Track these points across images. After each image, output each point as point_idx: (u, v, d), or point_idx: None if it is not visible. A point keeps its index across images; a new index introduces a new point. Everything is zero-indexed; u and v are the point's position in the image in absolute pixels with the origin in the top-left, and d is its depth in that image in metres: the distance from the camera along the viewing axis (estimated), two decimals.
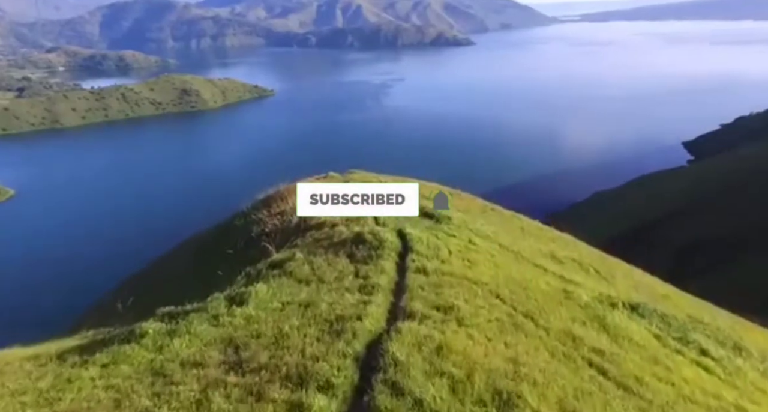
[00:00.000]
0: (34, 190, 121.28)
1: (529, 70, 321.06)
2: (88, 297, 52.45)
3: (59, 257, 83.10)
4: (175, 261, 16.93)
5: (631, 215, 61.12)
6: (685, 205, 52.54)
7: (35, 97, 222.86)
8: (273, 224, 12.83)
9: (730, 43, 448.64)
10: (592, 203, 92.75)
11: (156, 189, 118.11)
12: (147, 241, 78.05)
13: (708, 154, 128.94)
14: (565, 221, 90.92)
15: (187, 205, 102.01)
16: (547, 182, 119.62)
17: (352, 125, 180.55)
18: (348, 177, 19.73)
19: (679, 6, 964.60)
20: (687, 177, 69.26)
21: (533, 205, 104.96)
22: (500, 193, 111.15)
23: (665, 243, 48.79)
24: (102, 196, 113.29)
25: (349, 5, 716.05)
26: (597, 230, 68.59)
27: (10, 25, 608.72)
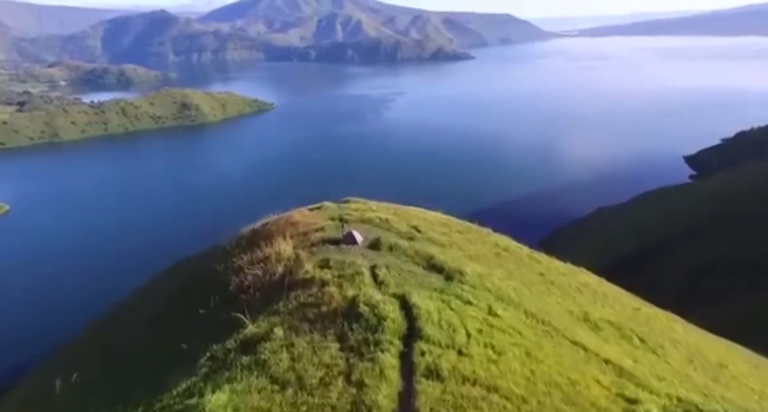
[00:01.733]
0: (28, 206, 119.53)
1: (529, 85, 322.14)
2: (55, 330, 50.84)
3: (39, 280, 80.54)
4: (141, 310, 15.04)
5: (639, 234, 59.29)
6: (697, 224, 50.70)
7: (35, 111, 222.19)
8: (254, 275, 11.07)
9: (728, 58, 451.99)
10: (597, 219, 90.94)
11: (148, 207, 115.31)
12: (133, 264, 76.60)
13: (710, 169, 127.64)
14: (570, 236, 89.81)
15: (179, 224, 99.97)
16: (550, 196, 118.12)
17: (351, 139, 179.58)
18: (342, 207, 17.99)
19: (677, 21, 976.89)
20: (695, 194, 67.38)
21: (537, 219, 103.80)
22: (503, 208, 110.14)
23: (676, 264, 46.92)
24: (94, 215, 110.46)
25: (349, 20, 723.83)
26: (604, 247, 66.88)
27: (13, 40, 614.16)
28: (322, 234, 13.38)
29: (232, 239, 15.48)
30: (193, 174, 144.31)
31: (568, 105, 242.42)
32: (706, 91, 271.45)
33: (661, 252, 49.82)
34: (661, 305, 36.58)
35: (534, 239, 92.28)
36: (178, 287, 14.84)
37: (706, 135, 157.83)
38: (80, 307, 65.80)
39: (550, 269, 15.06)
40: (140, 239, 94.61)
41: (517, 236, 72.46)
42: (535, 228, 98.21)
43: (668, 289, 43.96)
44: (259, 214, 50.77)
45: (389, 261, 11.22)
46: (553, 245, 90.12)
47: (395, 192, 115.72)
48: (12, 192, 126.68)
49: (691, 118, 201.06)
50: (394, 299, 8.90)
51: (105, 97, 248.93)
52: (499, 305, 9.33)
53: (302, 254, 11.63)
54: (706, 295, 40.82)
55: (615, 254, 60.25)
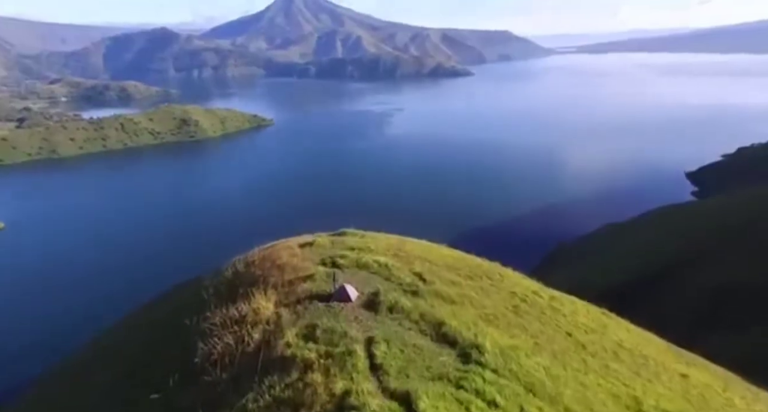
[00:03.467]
0: (22, 224, 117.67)
1: (529, 101, 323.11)
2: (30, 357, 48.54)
3: (23, 301, 78.46)
4: (95, 377, 13.13)
5: (646, 254, 57.45)
6: (709, 244, 48.74)
7: (35, 127, 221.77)
8: (225, 345, 9.27)
9: (724, 75, 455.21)
10: (605, 236, 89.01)
11: (140, 226, 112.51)
12: (119, 290, 74.54)
13: (712, 185, 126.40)
14: (573, 253, 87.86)
15: (171, 245, 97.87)
16: (552, 211, 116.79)
17: (350, 155, 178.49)
18: (336, 243, 16.24)
19: (673, 38, 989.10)
20: (704, 212, 65.49)
21: (540, 234, 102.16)
22: (506, 223, 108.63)
23: (689, 288, 44.92)
24: (84, 235, 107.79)
25: (348, 36, 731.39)
26: (611, 267, 64.88)
27: (16, 58, 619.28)
28: (311, 285, 11.57)
29: (212, 281, 13.74)
30: (189, 192, 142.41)
31: (567, 120, 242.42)
32: (704, 107, 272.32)
33: (671, 274, 47.94)
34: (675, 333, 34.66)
35: (538, 253, 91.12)
36: (139, 348, 13.01)
37: (707, 151, 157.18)
38: (58, 334, 63.84)
39: (577, 324, 13.20)
40: (130, 259, 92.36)
41: (522, 251, 71.29)
42: (538, 243, 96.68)
43: (681, 315, 42.08)
44: (253, 236, 48.64)
45: (389, 331, 9.34)
46: (557, 261, 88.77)
47: (395, 209, 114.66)
48: (7, 209, 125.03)
49: (691, 134, 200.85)
50: (396, 404, 7.02)
51: (105, 114, 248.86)
52: (533, 402, 7.45)
53: (285, 315, 9.83)
54: (722, 323, 38.84)
55: (622, 274, 58.37)
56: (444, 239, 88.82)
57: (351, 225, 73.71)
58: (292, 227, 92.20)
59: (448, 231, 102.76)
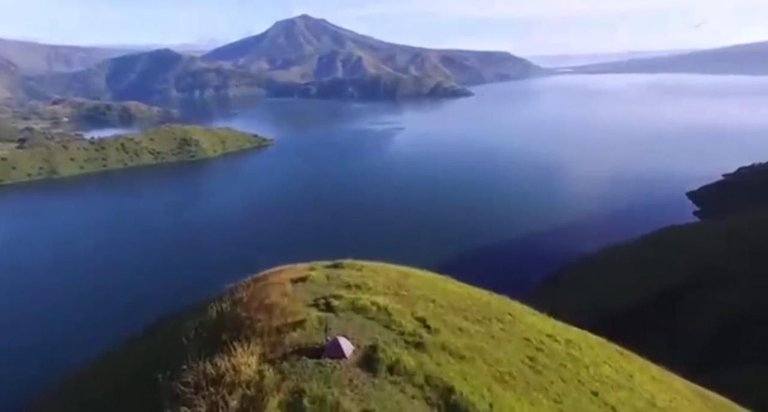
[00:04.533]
0: (14, 245, 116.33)
1: (529, 121, 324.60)
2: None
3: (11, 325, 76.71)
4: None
5: (654, 277, 56.01)
6: (720, 268, 47.41)
7: (36, 147, 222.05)
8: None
9: (720, 95, 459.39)
10: (607, 258, 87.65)
11: (132, 249, 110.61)
12: (105, 316, 72.89)
13: (714, 205, 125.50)
14: (577, 275, 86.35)
15: (163, 270, 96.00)
16: (555, 231, 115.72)
17: (350, 176, 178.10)
18: (332, 278, 15.08)
19: (669, 60, 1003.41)
20: (712, 234, 64.19)
21: (542, 254, 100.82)
22: (509, 242, 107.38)
23: (700, 314, 43.46)
24: (74, 257, 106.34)
25: (349, 57, 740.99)
26: (617, 291, 63.33)
27: (21, 79, 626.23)
28: (301, 335, 10.36)
29: (195, 321, 12.55)
30: (185, 213, 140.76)
31: (568, 140, 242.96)
32: (702, 126, 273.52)
33: (681, 298, 46.46)
34: (688, 362, 33.12)
35: (540, 274, 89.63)
36: (107, 402, 11.76)
37: (707, 170, 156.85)
38: (39, 365, 61.81)
39: (602, 378, 11.91)
40: (120, 283, 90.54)
41: (524, 271, 69.82)
42: (540, 263, 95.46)
43: (694, 342, 40.55)
44: (249, 259, 46.78)
45: (390, 400, 8.09)
46: (561, 283, 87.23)
47: (395, 229, 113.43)
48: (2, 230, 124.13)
49: (690, 152, 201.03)
50: None
51: (106, 134, 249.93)
52: None
53: (269, 375, 8.60)
54: (737, 352, 37.29)
55: (629, 298, 56.90)
56: (445, 260, 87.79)
57: (350, 247, 72.14)
58: (289, 251, 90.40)
59: (450, 252, 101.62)
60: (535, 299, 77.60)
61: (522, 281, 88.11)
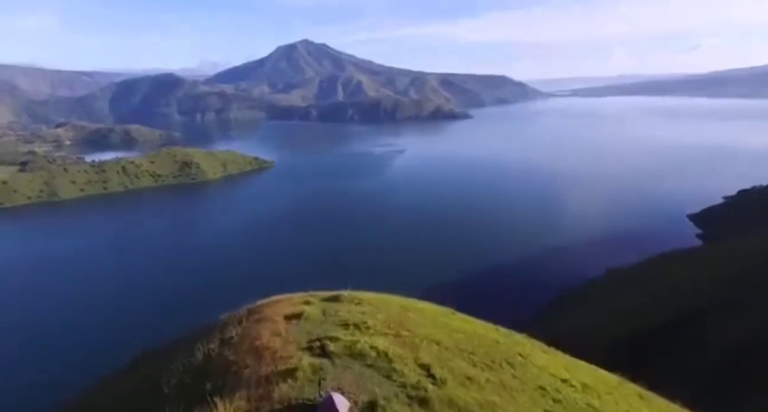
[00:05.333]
0: (6, 268, 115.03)
1: (529, 143, 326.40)
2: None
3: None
4: None
5: (660, 302, 54.64)
6: (737, 293, 45.95)
7: (38, 170, 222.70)
8: None
9: (716, 118, 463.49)
10: (609, 283, 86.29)
11: (123, 279, 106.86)
12: (93, 350, 71.15)
13: (717, 228, 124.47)
14: (581, 299, 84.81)
15: (154, 298, 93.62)
16: (555, 254, 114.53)
17: (349, 198, 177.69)
18: (328, 313, 14.18)
19: (665, 83, 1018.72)
20: (718, 258, 62.97)
21: (545, 278, 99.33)
22: (511, 266, 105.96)
23: (711, 342, 42.00)
24: (64, 284, 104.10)
25: (350, 81, 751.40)
26: (622, 317, 61.65)
27: (25, 103, 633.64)
28: (291, 387, 9.43)
29: (180, 366, 11.61)
30: (182, 236, 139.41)
31: (567, 162, 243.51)
32: (699, 148, 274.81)
33: (688, 325, 45.10)
34: (695, 390, 31.69)
35: (544, 298, 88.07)
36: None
37: (707, 192, 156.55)
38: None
39: None
40: (109, 312, 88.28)
41: (526, 296, 68.32)
42: (543, 286, 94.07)
43: (703, 371, 39.09)
44: (245, 285, 45.02)
45: None
46: (563, 307, 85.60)
47: (394, 254, 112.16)
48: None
49: (689, 175, 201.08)
50: None
51: (108, 157, 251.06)
52: None
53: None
54: (749, 381, 35.87)
55: (634, 324, 55.43)
56: (446, 284, 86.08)
57: (350, 270, 71.07)
58: (288, 275, 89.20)
59: (450, 276, 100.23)
60: (538, 323, 76.26)
61: (524, 305, 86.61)
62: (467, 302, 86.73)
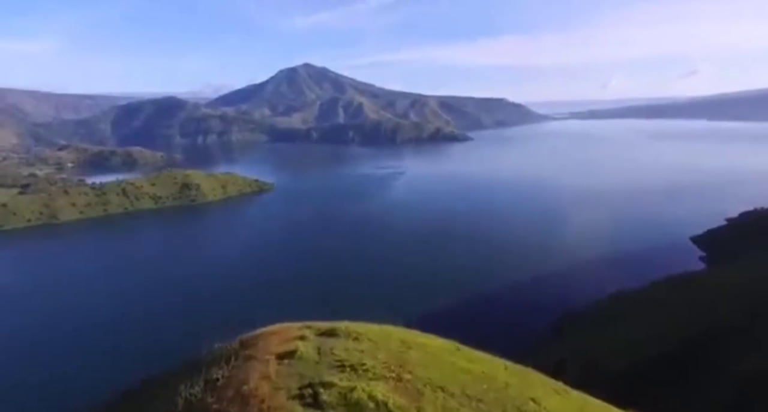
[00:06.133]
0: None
1: (530, 164, 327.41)
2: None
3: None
4: None
5: (667, 329, 53.20)
6: (747, 321, 44.52)
7: (38, 193, 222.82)
8: None
9: (711, 140, 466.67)
10: (614, 305, 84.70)
11: (114, 306, 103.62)
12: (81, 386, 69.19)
13: (721, 251, 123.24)
14: (583, 323, 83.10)
15: (146, 328, 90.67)
16: (556, 277, 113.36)
17: (348, 220, 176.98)
18: (324, 350, 13.28)
19: (660, 107, 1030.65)
20: (731, 284, 61.58)
21: (546, 301, 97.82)
22: (511, 288, 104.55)
23: (721, 371, 40.53)
24: (53, 311, 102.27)
25: (350, 103, 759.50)
26: (627, 344, 60.01)
27: (28, 126, 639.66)
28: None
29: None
30: (178, 260, 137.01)
31: (567, 183, 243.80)
32: (697, 169, 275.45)
33: (695, 354, 43.72)
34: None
35: (545, 321, 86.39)
36: None
37: (709, 214, 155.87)
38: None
39: None
40: (99, 338, 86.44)
41: (527, 318, 66.81)
42: (545, 310, 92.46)
43: (715, 406, 37.59)
44: (240, 314, 43.34)
45: None
46: (566, 332, 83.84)
47: (394, 277, 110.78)
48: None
49: (691, 197, 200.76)
50: None
51: (109, 179, 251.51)
52: None
53: None
54: None
55: (640, 352, 53.95)
56: (448, 309, 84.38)
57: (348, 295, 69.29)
58: (285, 299, 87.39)
59: (450, 300, 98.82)
60: (541, 350, 74.42)
61: (525, 329, 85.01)
62: (468, 328, 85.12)
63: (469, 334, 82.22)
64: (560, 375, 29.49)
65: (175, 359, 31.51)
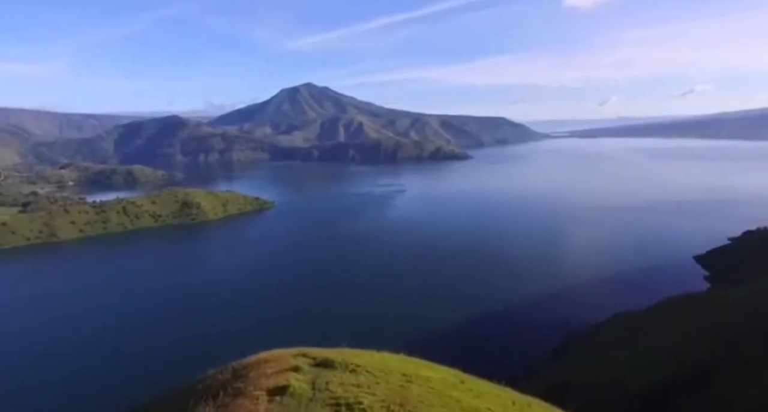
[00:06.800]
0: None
1: (530, 183, 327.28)
2: None
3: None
4: None
5: (680, 352, 51.81)
6: (761, 346, 43.14)
7: (39, 211, 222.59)
8: None
9: (711, 159, 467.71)
10: (616, 328, 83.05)
11: (105, 328, 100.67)
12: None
13: (725, 270, 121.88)
14: (587, 346, 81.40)
15: (137, 353, 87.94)
16: (559, 297, 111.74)
17: (348, 239, 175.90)
18: (319, 381, 12.60)
19: (658, 126, 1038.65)
20: (741, 306, 60.23)
21: (550, 322, 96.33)
22: (513, 310, 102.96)
23: (732, 399, 39.22)
24: (43, 329, 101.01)
25: (351, 122, 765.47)
26: (637, 366, 58.37)
27: (32, 145, 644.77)
28: None
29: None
30: (172, 281, 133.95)
31: (567, 202, 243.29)
32: (697, 188, 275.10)
33: (706, 379, 42.42)
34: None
35: (547, 344, 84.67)
36: None
37: (712, 233, 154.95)
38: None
39: None
40: (86, 367, 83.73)
41: (530, 340, 65.28)
42: (547, 332, 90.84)
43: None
44: (235, 336, 42.06)
45: None
46: (569, 354, 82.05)
47: (395, 300, 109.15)
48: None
49: (692, 216, 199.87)
50: None
51: (110, 197, 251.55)
52: None
53: None
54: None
55: (646, 376, 52.53)
56: (449, 331, 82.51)
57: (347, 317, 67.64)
58: (282, 324, 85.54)
59: (450, 322, 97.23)
60: (545, 372, 72.62)
61: (526, 352, 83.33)
62: (470, 350, 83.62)
63: (471, 356, 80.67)
64: (563, 403, 28.49)
65: (169, 382, 30.45)
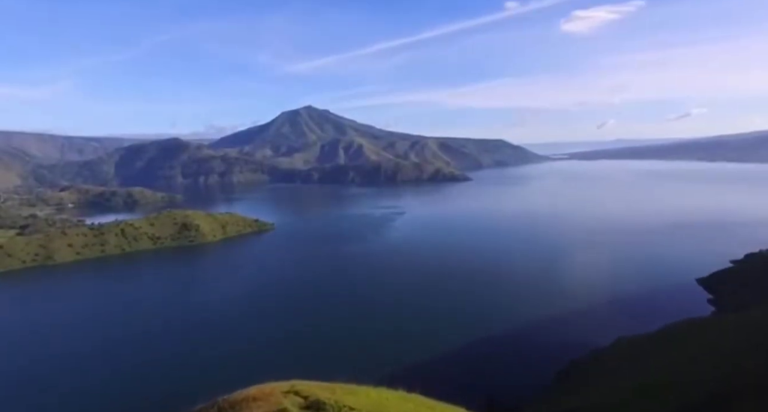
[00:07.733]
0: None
1: (529, 205, 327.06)
2: None
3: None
4: None
5: (681, 382, 50.29)
6: (758, 375, 41.94)
7: (36, 234, 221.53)
8: None
9: (709, 182, 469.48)
10: (620, 353, 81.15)
11: (95, 356, 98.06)
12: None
13: (728, 293, 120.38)
14: (590, 372, 79.36)
15: (129, 383, 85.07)
16: (561, 321, 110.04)
17: (347, 262, 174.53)
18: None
19: (656, 148, 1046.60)
20: (750, 331, 58.71)
21: (552, 347, 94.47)
22: (514, 335, 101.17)
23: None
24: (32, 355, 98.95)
25: (350, 144, 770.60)
26: (644, 395, 56.48)
27: (33, 168, 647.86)
28: None
29: None
30: (165, 307, 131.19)
31: (569, 224, 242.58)
32: (696, 210, 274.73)
33: (718, 409, 40.94)
34: None
35: (549, 369, 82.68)
36: None
37: (714, 256, 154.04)
38: None
39: None
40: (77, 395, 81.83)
41: (532, 366, 63.42)
42: (548, 357, 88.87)
43: None
44: (227, 368, 40.55)
45: None
46: (572, 381, 79.92)
47: (393, 325, 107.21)
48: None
49: (693, 237, 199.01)
50: None
51: (109, 219, 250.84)
52: None
53: None
54: None
55: (654, 406, 50.85)
56: (449, 356, 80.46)
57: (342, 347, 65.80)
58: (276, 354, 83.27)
59: (451, 345, 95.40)
60: (549, 396, 70.44)
61: (529, 379, 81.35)
62: (471, 378, 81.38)
63: (471, 385, 78.35)
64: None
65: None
